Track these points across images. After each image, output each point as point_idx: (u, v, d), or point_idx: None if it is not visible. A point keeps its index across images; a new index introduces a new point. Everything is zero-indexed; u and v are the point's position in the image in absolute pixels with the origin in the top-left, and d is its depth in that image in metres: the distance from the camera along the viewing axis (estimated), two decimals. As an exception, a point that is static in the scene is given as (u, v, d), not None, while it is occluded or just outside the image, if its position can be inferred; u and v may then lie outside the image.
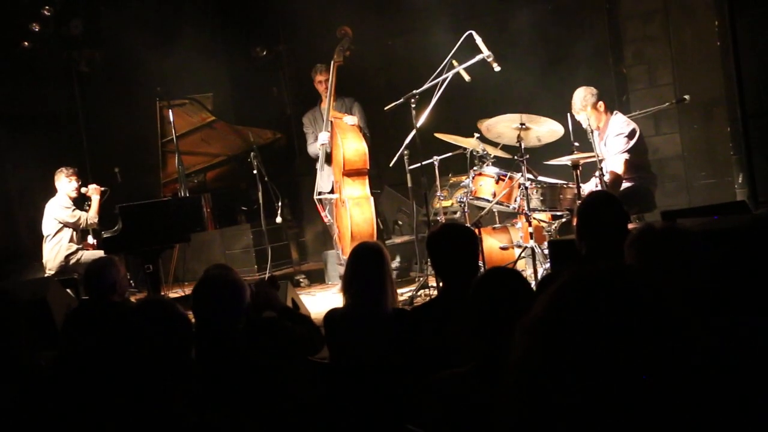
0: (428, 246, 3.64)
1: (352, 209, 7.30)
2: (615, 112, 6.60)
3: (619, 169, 6.35)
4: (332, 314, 3.75)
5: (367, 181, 7.46)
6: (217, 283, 3.12)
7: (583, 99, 6.45)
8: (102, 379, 2.94)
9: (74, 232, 7.79)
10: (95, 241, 7.93)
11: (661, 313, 1.23)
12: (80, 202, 7.99)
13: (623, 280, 1.27)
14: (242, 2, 10.16)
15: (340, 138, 7.39)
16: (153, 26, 9.24)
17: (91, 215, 7.80)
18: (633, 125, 6.50)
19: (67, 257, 7.65)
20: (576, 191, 6.00)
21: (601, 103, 6.47)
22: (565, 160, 6.04)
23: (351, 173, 7.42)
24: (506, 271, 2.88)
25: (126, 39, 9.28)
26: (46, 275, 7.59)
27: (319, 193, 7.67)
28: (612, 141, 6.44)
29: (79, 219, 7.72)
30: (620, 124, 6.48)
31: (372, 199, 7.43)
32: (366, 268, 3.65)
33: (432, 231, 3.81)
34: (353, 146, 7.40)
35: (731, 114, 7.50)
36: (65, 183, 7.80)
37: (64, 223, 7.69)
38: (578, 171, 5.97)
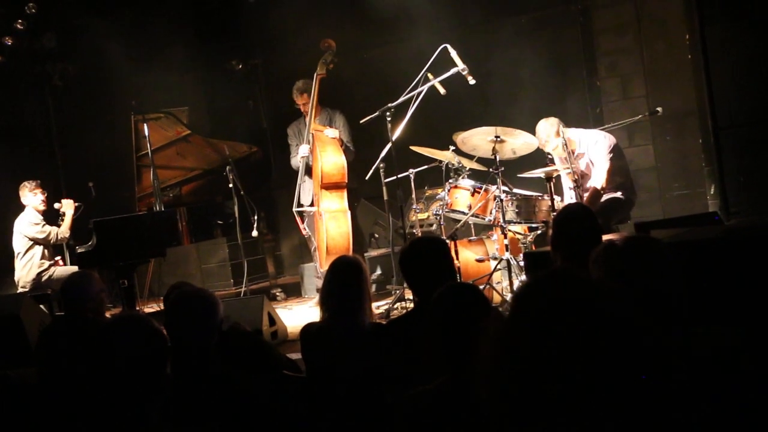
0: (401, 264, 3.65)
1: (328, 222, 7.30)
2: (576, 129, 6.63)
3: (601, 182, 6.39)
4: (309, 328, 3.74)
5: (345, 194, 7.46)
6: (189, 299, 3.11)
7: (545, 130, 6.45)
8: (77, 394, 2.92)
9: (46, 249, 7.69)
10: (60, 258, 7.84)
11: (614, 322, 1.27)
12: (52, 216, 7.90)
13: (572, 289, 1.30)
14: (218, 16, 10.15)
15: (319, 151, 7.39)
16: (127, 39, 9.20)
17: (63, 230, 7.69)
18: (600, 133, 6.59)
19: (39, 274, 7.54)
20: (550, 203, 6.05)
21: (564, 129, 6.46)
22: (539, 173, 6.09)
23: (329, 186, 7.42)
24: (462, 286, 2.87)
25: (100, 52, 9.24)
26: (18, 292, 7.51)
27: (300, 205, 7.66)
28: (594, 151, 6.47)
29: (49, 234, 7.61)
30: (589, 135, 6.55)
31: (349, 213, 7.42)
32: (344, 282, 3.64)
33: (402, 249, 3.81)
34: (331, 159, 7.40)
35: (703, 126, 7.60)
36: (31, 197, 7.67)
37: (33, 239, 7.58)
38: (552, 183, 6.01)
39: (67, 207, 7.78)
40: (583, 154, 6.49)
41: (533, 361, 1.27)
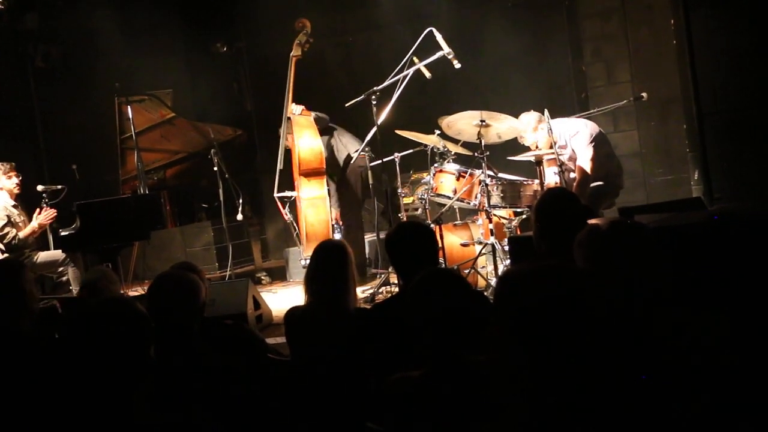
0: (387, 247, 3.65)
1: (306, 210, 7.29)
2: (557, 120, 6.61)
3: (589, 166, 6.40)
4: (293, 312, 3.75)
5: (324, 180, 7.44)
6: (169, 283, 3.11)
7: (521, 125, 6.43)
8: (61, 376, 2.91)
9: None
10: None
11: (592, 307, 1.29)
12: (28, 200, 7.79)
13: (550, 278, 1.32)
14: (203, -2, 10.09)
15: (296, 136, 7.36)
16: (112, 20, 9.12)
17: (22, 234, 7.38)
18: (581, 122, 6.60)
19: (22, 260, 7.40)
20: (537, 188, 6.07)
21: (543, 125, 6.41)
22: (530, 156, 6.09)
23: (307, 173, 7.40)
24: (442, 273, 2.80)
25: (84, 34, 9.16)
26: None
27: (281, 190, 7.64)
28: (575, 142, 6.48)
29: (6, 236, 7.32)
30: (569, 126, 6.55)
31: (328, 199, 7.39)
32: (328, 266, 3.65)
33: (389, 232, 3.81)
34: (308, 145, 7.38)
35: (687, 112, 7.63)
36: (4, 180, 7.46)
37: None
38: (542, 167, 6.01)
39: (45, 215, 7.53)
40: (565, 145, 6.49)
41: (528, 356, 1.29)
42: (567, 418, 1.29)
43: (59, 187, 7.84)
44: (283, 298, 7.57)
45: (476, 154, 6.22)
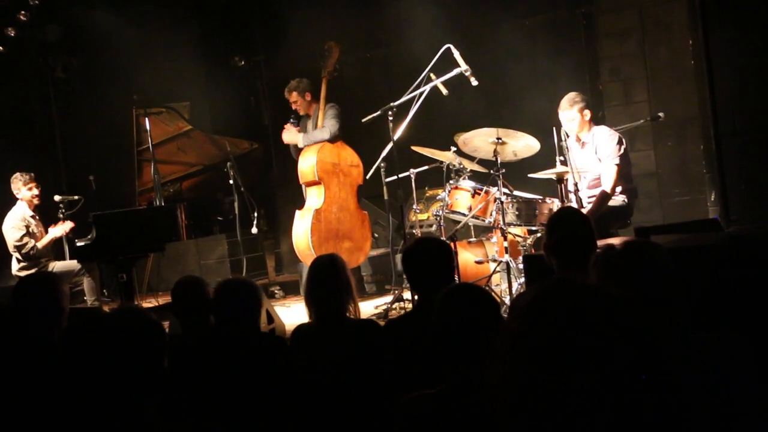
0: (403, 260, 3.63)
1: (296, 221, 7.49)
2: (600, 125, 6.53)
3: (610, 183, 6.26)
4: (299, 329, 3.75)
5: (319, 191, 7.50)
6: (238, 288, 3.16)
7: (572, 99, 6.33)
8: (74, 386, 2.91)
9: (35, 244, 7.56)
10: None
11: (613, 328, 1.26)
12: (46, 211, 7.84)
13: (578, 297, 1.30)
14: (222, 12, 10.15)
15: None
16: (131, 33, 9.20)
17: (40, 245, 7.53)
18: (618, 135, 6.49)
19: (39, 270, 7.44)
20: (553, 206, 6.03)
21: (587, 112, 6.35)
22: (551, 173, 6.04)
23: (307, 184, 7.60)
24: (471, 288, 2.71)
25: (103, 45, 9.24)
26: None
27: None
28: (603, 149, 6.36)
29: (26, 246, 7.45)
30: (607, 133, 6.43)
31: (313, 211, 7.46)
32: (319, 280, 3.66)
33: (407, 245, 3.80)
34: (302, 158, 7.56)
35: (705, 132, 7.59)
36: (25, 191, 7.57)
37: (8, 242, 7.50)
38: (563, 185, 5.95)
39: (61, 227, 7.65)
40: (587, 143, 6.36)
41: (542, 373, 1.26)
42: None
43: (76, 197, 7.89)
44: (296, 312, 7.56)
45: (492, 171, 6.21)
